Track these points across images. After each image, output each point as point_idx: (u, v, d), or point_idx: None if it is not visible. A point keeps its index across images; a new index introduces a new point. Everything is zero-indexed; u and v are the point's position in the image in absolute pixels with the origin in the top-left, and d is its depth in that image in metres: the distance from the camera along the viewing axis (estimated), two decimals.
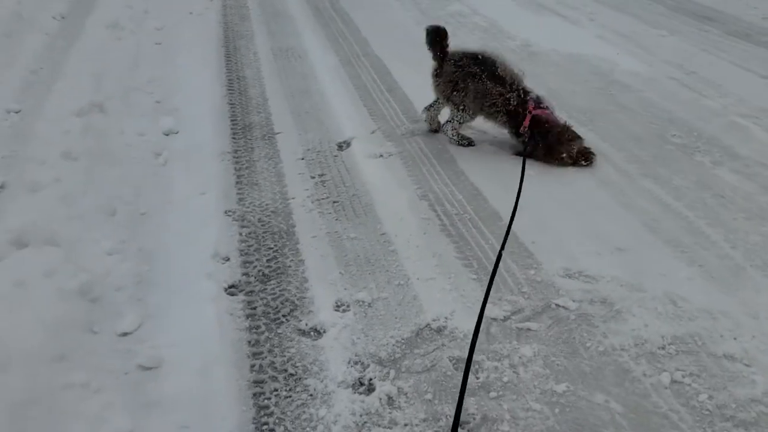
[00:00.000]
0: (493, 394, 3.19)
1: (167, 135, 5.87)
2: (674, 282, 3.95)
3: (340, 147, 5.75)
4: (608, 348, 3.45)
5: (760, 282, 3.96)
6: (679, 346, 3.46)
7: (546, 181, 5.09)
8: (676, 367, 3.33)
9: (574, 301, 3.78)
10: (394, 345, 3.51)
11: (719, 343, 3.48)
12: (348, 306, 3.81)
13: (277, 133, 6.04)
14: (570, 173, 5.24)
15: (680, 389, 3.20)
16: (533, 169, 5.17)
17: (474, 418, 3.06)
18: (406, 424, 3.04)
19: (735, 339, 3.50)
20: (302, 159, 5.56)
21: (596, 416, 3.06)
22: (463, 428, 2.96)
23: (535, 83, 5.70)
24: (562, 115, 5.57)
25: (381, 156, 5.56)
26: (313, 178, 5.24)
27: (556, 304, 3.78)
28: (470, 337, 3.34)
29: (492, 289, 3.80)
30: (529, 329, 3.60)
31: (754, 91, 6.72)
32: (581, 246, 4.31)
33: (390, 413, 3.10)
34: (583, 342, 3.49)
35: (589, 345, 3.47)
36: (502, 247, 3.84)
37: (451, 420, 2.88)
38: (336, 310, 3.78)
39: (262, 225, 4.68)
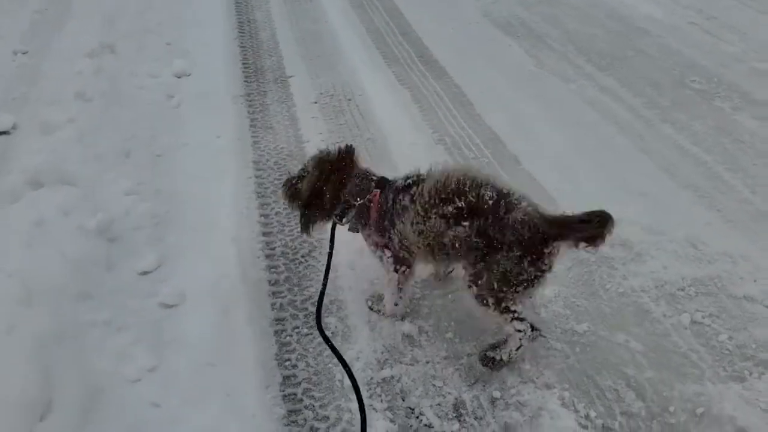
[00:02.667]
0: None
1: (179, 77, 5.78)
2: (694, 226, 3.92)
3: (353, 91, 5.65)
4: (628, 289, 3.45)
5: None
6: (699, 287, 3.45)
7: (566, 125, 5.02)
8: (696, 308, 3.33)
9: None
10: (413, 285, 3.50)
11: (739, 285, 3.47)
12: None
13: (290, 77, 5.95)
14: (589, 116, 5.16)
15: (700, 329, 3.21)
16: (551, 112, 5.10)
17: None
18: (427, 361, 3.04)
19: (755, 281, 3.50)
20: (316, 103, 5.49)
21: (616, 355, 3.08)
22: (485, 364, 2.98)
23: (553, 25, 5.58)
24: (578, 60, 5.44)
25: (395, 100, 5.48)
26: (327, 121, 5.17)
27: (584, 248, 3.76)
28: None
29: None
30: None
31: None
32: (601, 191, 4.28)
33: (411, 351, 3.10)
34: (603, 284, 3.49)
35: (609, 287, 3.47)
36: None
37: None
38: (356, 252, 3.76)
39: (278, 168, 4.64)
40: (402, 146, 4.80)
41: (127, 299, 3.35)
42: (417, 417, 2.80)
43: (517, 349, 2.91)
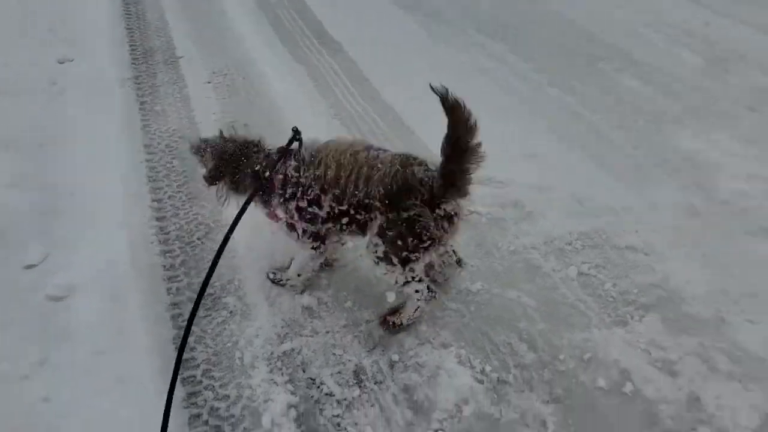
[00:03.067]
0: None
1: (62, 63, 5.53)
2: (581, 182, 4.09)
3: (248, 70, 5.56)
4: (519, 247, 3.57)
5: (659, 178, 4.15)
6: (585, 241, 3.61)
7: (458, 93, 5.09)
8: (582, 260, 3.48)
9: (485, 206, 3.85)
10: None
11: (622, 236, 3.65)
12: (263, 226, 3.77)
13: (180, 57, 5.79)
14: (481, 82, 5.26)
15: (586, 280, 3.36)
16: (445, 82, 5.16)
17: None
18: (327, 331, 3.07)
19: (636, 232, 3.68)
20: (209, 83, 5.37)
21: (509, 311, 3.19)
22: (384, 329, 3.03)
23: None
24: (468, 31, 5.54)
25: (291, 78, 5.43)
26: (221, 101, 5.07)
27: (469, 210, 3.85)
28: None
29: None
30: None
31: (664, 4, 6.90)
32: (491, 153, 4.37)
33: (311, 323, 3.12)
34: (496, 243, 3.60)
35: (501, 246, 3.58)
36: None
37: None
38: (252, 231, 3.72)
39: (170, 151, 4.53)
40: (298, 123, 4.76)
41: (12, 294, 3.21)
42: (318, 387, 2.83)
43: (415, 311, 2.98)
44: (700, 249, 3.54)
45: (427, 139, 4.43)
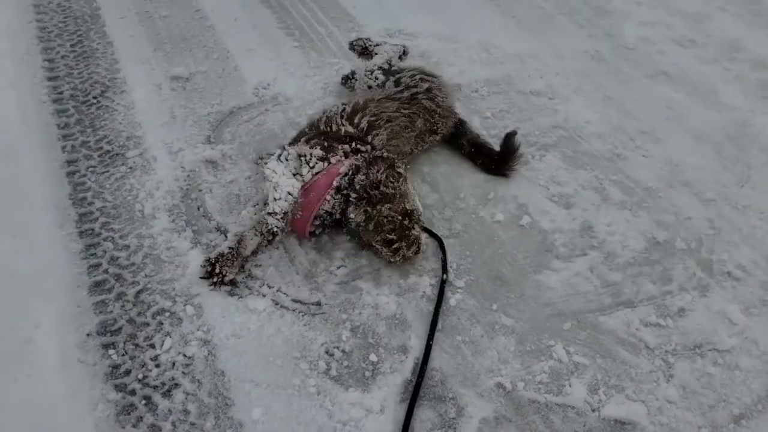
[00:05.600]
0: None
1: None
2: (488, 32, 4.06)
3: None
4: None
5: (567, 27, 4.16)
6: (491, 87, 3.62)
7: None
8: (487, 106, 3.50)
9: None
10: (216, 114, 3.42)
11: (527, 81, 3.68)
12: (164, 81, 3.63)
13: None
14: None
15: (491, 123, 3.40)
16: None
17: None
18: (231, 181, 3.03)
19: (541, 77, 3.71)
20: None
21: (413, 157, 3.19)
22: None
23: None
24: None
25: None
26: None
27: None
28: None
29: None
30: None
31: None
32: (400, 6, 4.29)
33: (215, 175, 3.07)
34: None
35: None
36: None
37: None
38: (153, 87, 3.59)
39: (62, 10, 4.25)
40: None
41: None
42: (222, 233, 2.80)
43: None
44: (602, 92, 3.61)
45: None
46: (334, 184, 2.62)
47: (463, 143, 3.14)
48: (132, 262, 2.65)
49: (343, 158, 2.69)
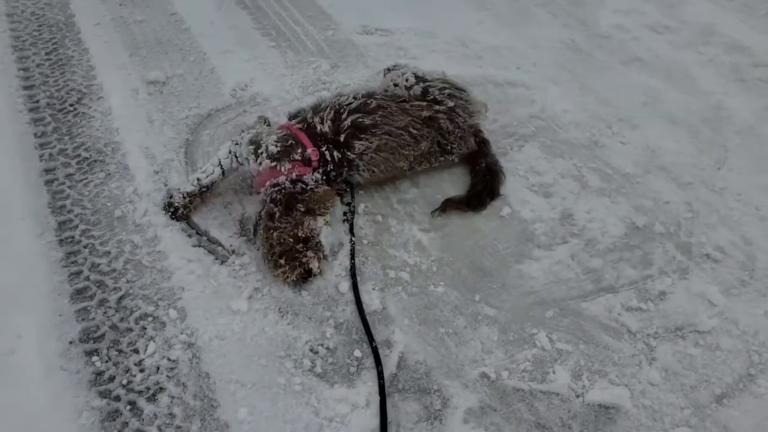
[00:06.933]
0: None
1: None
2: (465, 26, 4.08)
3: None
4: None
5: (542, 17, 4.18)
6: (467, 80, 3.60)
7: None
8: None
9: (372, 53, 3.81)
10: (193, 117, 3.41)
11: (503, 73, 3.68)
12: (141, 86, 3.62)
13: None
14: None
15: None
16: None
17: None
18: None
19: (518, 68, 3.72)
20: None
21: None
22: None
23: None
24: None
25: None
26: None
27: (357, 54, 3.82)
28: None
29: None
30: (333, 83, 3.63)
31: None
32: (376, 3, 4.29)
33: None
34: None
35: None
36: None
37: None
38: (130, 92, 3.58)
39: (36, 18, 4.23)
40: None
41: None
42: (204, 236, 2.80)
43: None
44: (579, 81, 3.63)
45: None
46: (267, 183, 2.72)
47: (482, 164, 2.98)
48: (113, 268, 2.64)
49: (284, 168, 2.70)
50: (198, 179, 2.84)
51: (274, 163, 2.70)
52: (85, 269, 2.63)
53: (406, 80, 3.04)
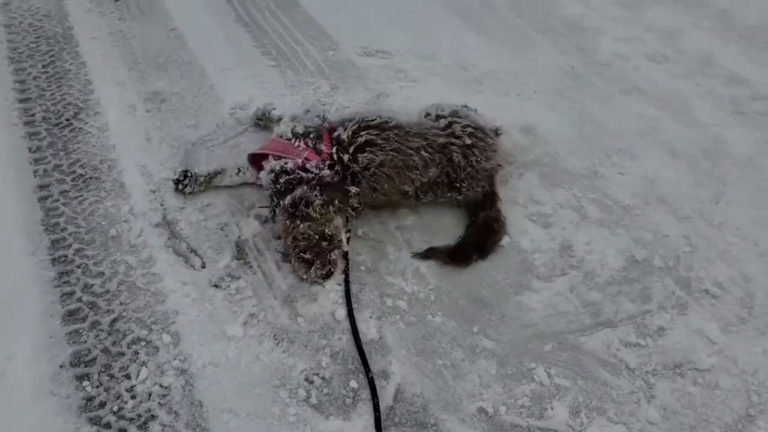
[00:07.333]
0: None
1: None
2: (464, 50, 4.08)
3: None
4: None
5: (542, 43, 4.19)
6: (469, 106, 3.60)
7: None
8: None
9: (373, 75, 3.80)
10: (191, 135, 3.39)
11: (503, 99, 3.67)
12: (139, 102, 3.59)
13: None
14: None
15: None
16: None
17: None
18: (207, 205, 2.99)
19: (518, 95, 3.72)
20: None
21: None
22: None
23: None
24: None
25: None
26: None
27: (357, 76, 3.82)
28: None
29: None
30: (333, 105, 3.61)
31: None
32: (376, 24, 4.29)
33: (189, 200, 3.03)
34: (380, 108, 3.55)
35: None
36: None
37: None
38: (127, 108, 3.55)
39: (34, 30, 4.20)
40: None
41: None
42: (203, 259, 2.76)
43: None
44: (578, 108, 3.62)
45: (313, 11, 4.28)
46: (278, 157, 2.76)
47: (480, 216, 2.86)
48: (106, 289, 2.61)
49: (308, 152, 2.74)
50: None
51: (291, 138, 2.82)
52: (77, 290, 2.59)
53: (437, 109, 3.06)
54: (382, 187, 2.79)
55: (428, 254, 2.77)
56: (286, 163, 2.70)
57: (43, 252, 2.75)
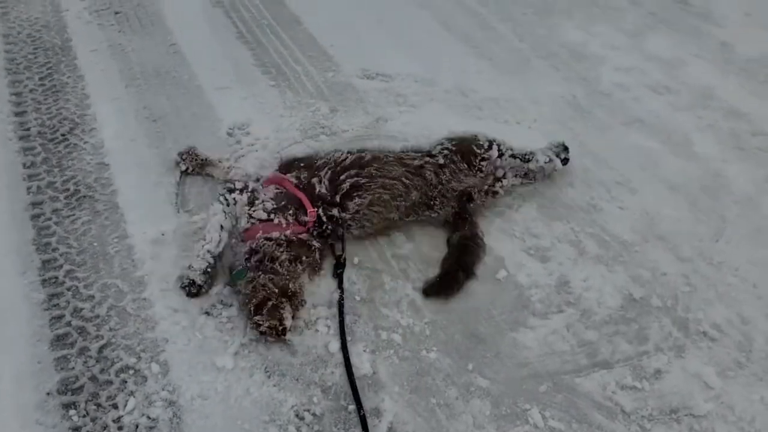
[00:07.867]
0: None
1: None
2: (465, 75, 4.06)
3: None
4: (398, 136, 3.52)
5: (543, 70, 4.17)
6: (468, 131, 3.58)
7: None
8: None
9: (372, 99, 3.78)
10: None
11: (503, 127, 3.64)
12: (135, 119, 3.56)
13: None
14: None
15: None
16: None
17: None
18: (201, 228, 2.95)
19: (518, 123, 3.70)
20: None
21: None
22: None
23: None
24: None
25: None
26: None
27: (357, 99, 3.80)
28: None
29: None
30: (331, 128, 3.59)
31: None
32: (377, 46, 4.28)
33: (186, 217, 2.99)
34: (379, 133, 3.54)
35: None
36: None
37: None
38: (123, 125, 3.52)
39: (32, 41, 4.17)
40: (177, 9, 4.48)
41: None
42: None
43: None
44: (578, 139, 3.59)
45: (314, 30, 4.27)
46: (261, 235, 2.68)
47: (454, 238, 2.88)
48: (96, 314, 2.57)
49: (281, 223, 2.70)
50: (208, 251, 2.68)
51: (270, 216, 2.68)
52: (67, 314, 2.55)
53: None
54: (371, 221, 2.82)
55: (437, 290, 2.73)
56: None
57: (34, 273, 2.71)
